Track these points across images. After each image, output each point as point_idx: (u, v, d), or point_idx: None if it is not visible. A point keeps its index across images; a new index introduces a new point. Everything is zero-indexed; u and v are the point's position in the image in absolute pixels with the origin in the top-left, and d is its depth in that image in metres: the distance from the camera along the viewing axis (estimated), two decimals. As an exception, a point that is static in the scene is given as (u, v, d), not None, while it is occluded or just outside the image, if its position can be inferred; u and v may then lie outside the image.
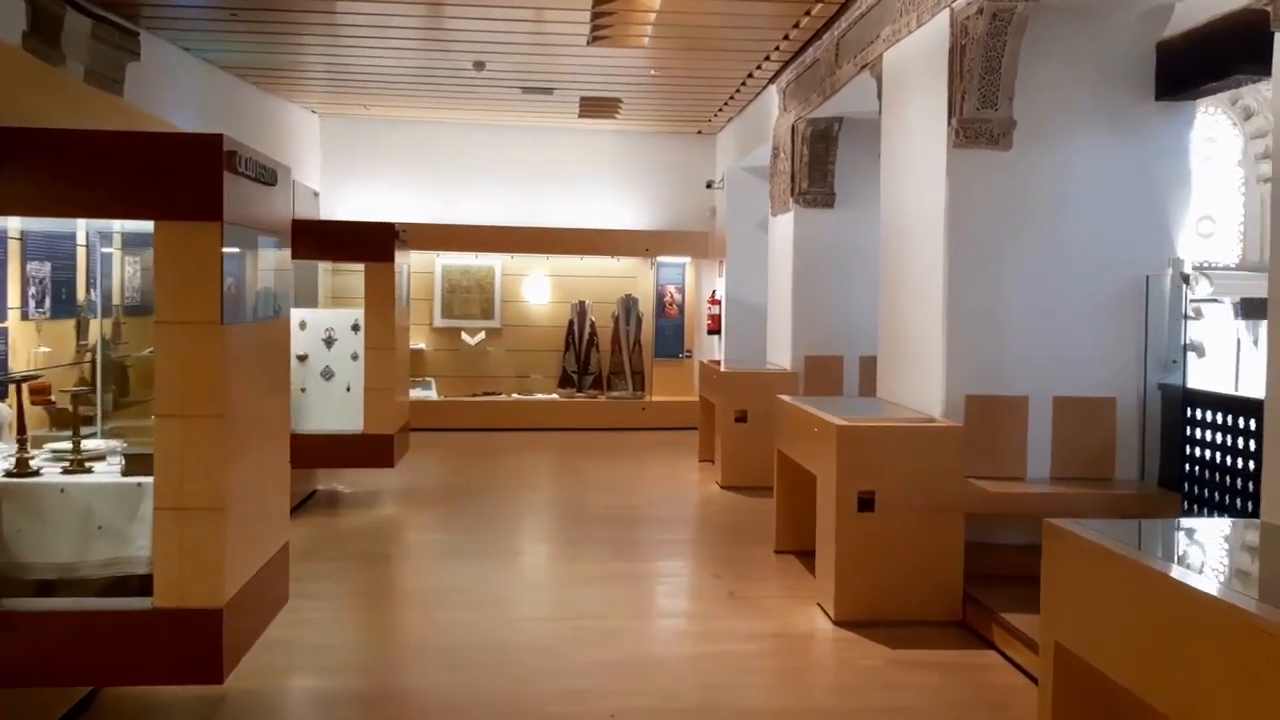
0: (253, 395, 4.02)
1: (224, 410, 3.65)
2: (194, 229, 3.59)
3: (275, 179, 4.19)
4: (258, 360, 4.12)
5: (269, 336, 4.29)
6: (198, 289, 3.59)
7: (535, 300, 13.80)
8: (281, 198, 4.40)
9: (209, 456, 3.63)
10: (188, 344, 3.60)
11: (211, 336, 3.61)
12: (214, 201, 3.59)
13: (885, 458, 5.52)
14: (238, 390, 3.78)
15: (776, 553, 6.99)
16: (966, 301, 5.95)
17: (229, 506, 3.69)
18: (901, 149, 6.73)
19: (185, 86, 9.42)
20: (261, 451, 4.17)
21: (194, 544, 3.63)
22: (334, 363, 8.45)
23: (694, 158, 13.96)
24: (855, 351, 9.51)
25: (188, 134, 3.77)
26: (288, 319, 4.73)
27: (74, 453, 4.06)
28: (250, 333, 3.98)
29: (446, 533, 7.73)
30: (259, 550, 4.11)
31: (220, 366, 3.62)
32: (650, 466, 10.59)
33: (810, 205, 9.50)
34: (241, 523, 3.84)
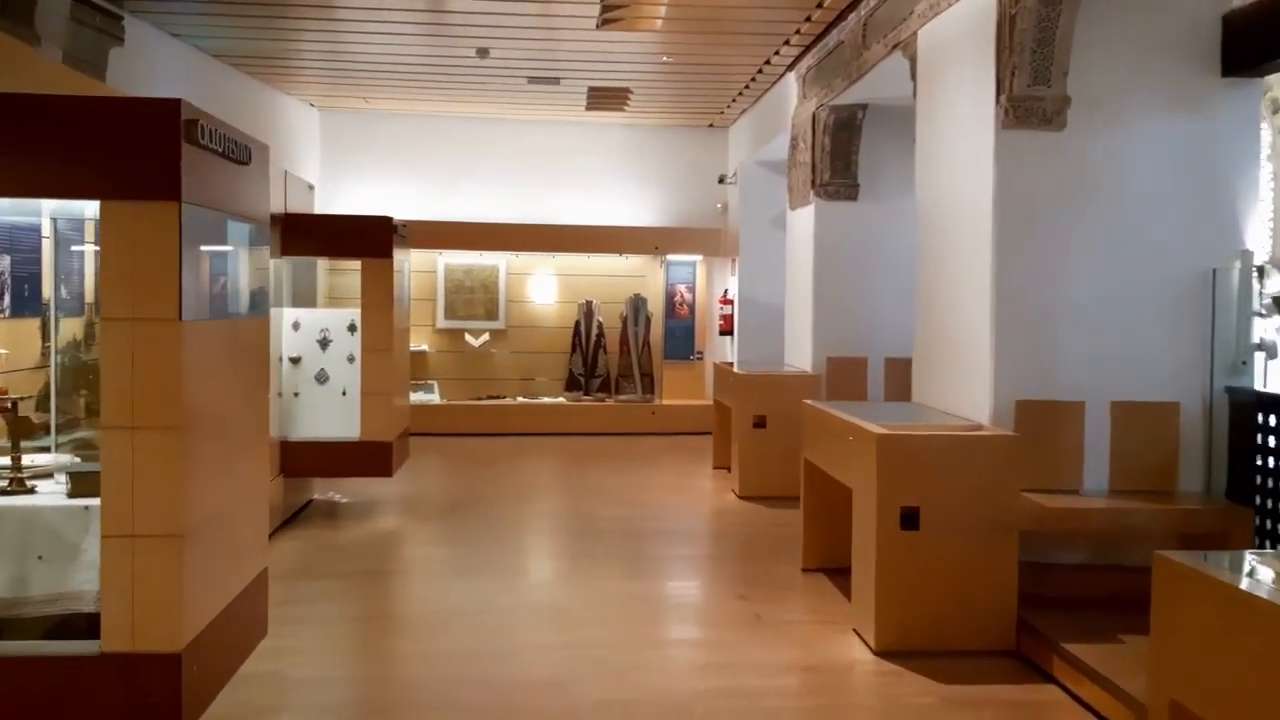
0: (220, 403, 3.50)
1: (182, 421, 3.14)
2: (146, 210, 3.09)
3: (249, 157, 3.68)
4: (227, 363, 3.60)
5: (242, 336, 3.78)
6: (151, 280, 3.08)
7: (541, 300, 13.28)
8: (258, 180, 3.89)
9: (164, 475, 3.12)
10: (139, 344, 3.09)
11: (167, 335, 3.10)
12: (170, 178, 3.09)
13: (931, 470, 4.99)
14: (200, 397, 3.27)
15: (804, 571, 6.47)
16: (1016, 298, 5.42)
17: (189, 533, 3.17)
18: (941, 133, 6.20)
19: (174, 75, 8.91)
20: (232, 468, 3.65)
21: (147, 578, 3.12)
22: (329, 365, 7.94)
23: (705, 152, 13.43)
24: (880, 352, 8.99)
25: (138, 98, 3.26)
26: (266, 317, 4.21)
27: (13, 469, 3.54)
28: (217, 331, 3.47)
29: (448, 547, 7.21)
30: (228, 581, 3.59)
31: (177, 370, 3.11)
32: (661, 474, 10.06)
33: (832, 198, 8.97)
34: (205, 551, 3.32)
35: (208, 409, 3.36)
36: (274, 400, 7.58)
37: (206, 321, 3.34)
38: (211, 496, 3.41)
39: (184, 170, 3.09)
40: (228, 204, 3.53)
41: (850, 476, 5.43)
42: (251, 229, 3.84)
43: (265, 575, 4.09)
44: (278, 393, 7.64)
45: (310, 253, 7.81)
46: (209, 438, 3.38)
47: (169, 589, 3.12)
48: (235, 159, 3.53)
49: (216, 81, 9.90)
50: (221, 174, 3.43)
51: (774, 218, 12.09)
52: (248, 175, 3.70)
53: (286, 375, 7.78)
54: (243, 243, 3.73)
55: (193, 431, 3.21)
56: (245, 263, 3.77)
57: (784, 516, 8.01)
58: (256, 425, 4.02)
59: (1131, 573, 5.49)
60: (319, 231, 7.76)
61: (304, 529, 7.51)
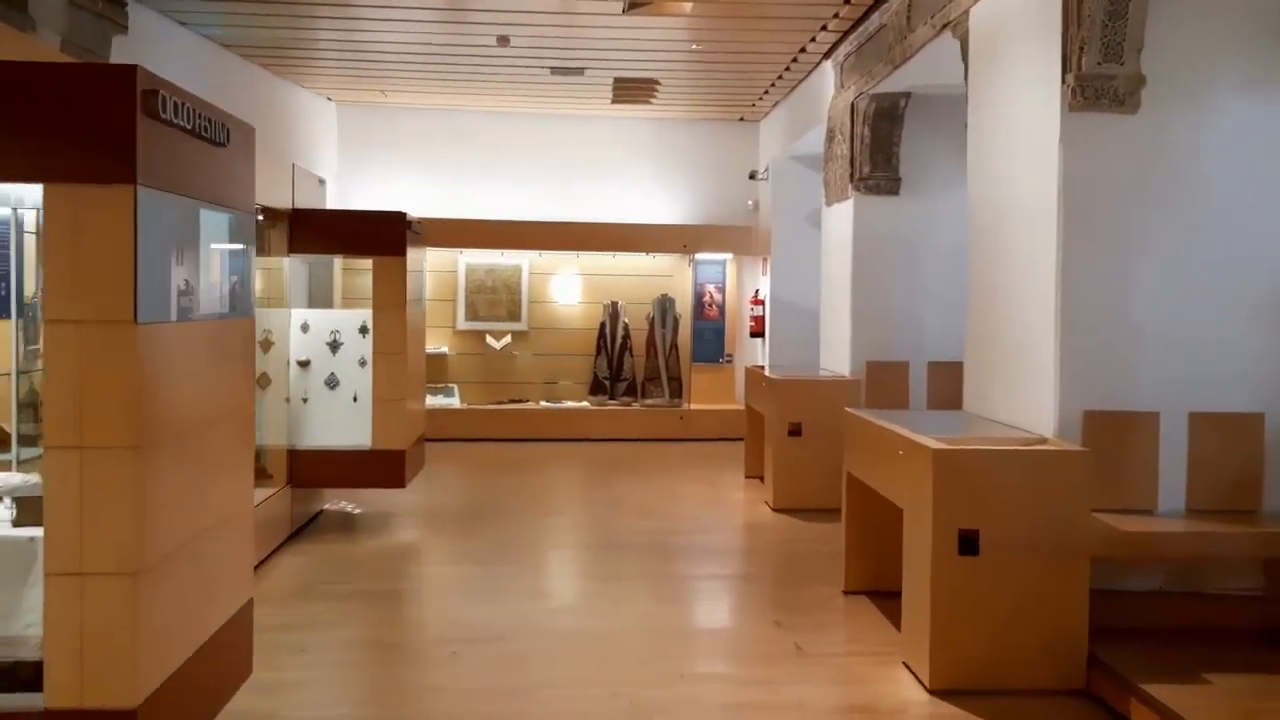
0: (192, 416, 3.06)
1: (140, 439, 2.70)
2: (96, 195, 2.65)
3: (226, 137, 3.24)
4: (201, 370, 3.16)
5: (220, 340, 3.34)
6: (101, 277, 2.65)
7: (565, 301, 12.82)
8: (240, 165, 3.45)
9: (118, 503, 2.68)
10: (88, 350, 2.65)
11: (120, 340, 2.66)
12: (123, 157, 2.65)
13: (992, 489, 4.49)
14: (164, 411, 2.83)
15: (846, 593, 5.97)
16: (1084, 297, 4.92)
17: (148, 570, 2.74)
18: (998, 119, 5.70)
19: (182, 65, 8.50)
20: (207, 490, 3.21)
21: (97, 623, 2.68)
22: (340, 369, 7.51)
23: (736, 147, 12.94)
24: (922, 356, 8.51)
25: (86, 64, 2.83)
26: (251, 319, 3.77)
27: (-44, 492, 3.12)
28: (186, 335, 3.03)
29: (463, 564, 6.76)
30: (201, 621, 3.15)
31: (133, 380, 2.67)
32: (691, 484, 9.58)
33: (872, 192, 8.47)
34: (170, 589, 2.88)
35: (175, 424, 2.92)
36: (281, 406, 7.17)
37: (171, 324, 2.90)
38: (179, 525, 2.97)
39: (140, 148, 2.65)
40: (199, 189, 3.09)
41: (901, 494, 4.94)
42: (231, 219, 3.40)
43: (250, 608, 3.65)
44: (285, 398, 7.22)
45: (319, 250, 7.38)
46: (177, 457, 2.95)
47: (122, 635, 2.69)
48: (209, 139, 3.09)
49: (228, 73, 9.51)
50: (191, 155, 2.99)
51: (808, 215, 11.63)
52: (225, 158, 3.26)
53: (295, 380, 7.37)
54: (220, 235, 3.29)
55: (154, 451, 2.77)
56: (223, 257, 3.33)
57: (822, 531, 7.52)
58: (239, 441, 3.57)
59: (1213, 600, 5.00)
60: (328, 228, 7.32)
61: (312, 542, 7.08)
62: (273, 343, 7.22)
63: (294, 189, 7.08)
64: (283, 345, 7.25)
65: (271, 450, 7.13)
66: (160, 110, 2.75)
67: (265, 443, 7.13)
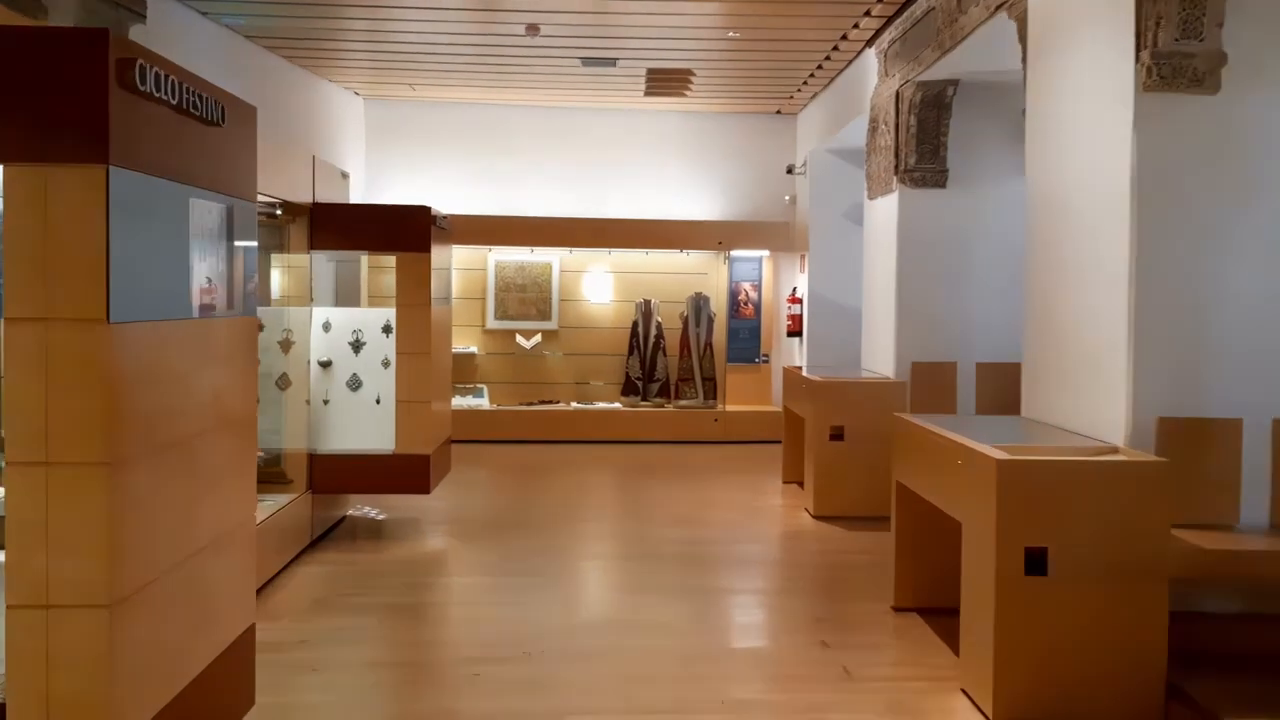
0: (180, 426, 2.75)
1: (115, 454, 2.39)
2: (62, 176, 2.33)
3: (221, 116, 2.92)
4: (191, 376, 2.85)
5: (215, 341, 3.02)
6: (69, 270, 2.33)
7: (596, 299, 12.49)
8: (238, 147, 3.13)
9: (89, 527, 2.37)
10: (54, 353, 2.34)
11: (91, 341, 2.35)
12: (93, 134, 2.33)
13: (1062, 503, 4.10)
14: (146, 422, 2.51)
15: (895, 610, 5.60)
16: (1160, 295, 4.52)
17: (124, 602, 2.42)
18: (1060, 103, 5.30)
19: (205, 57, 8.24)
20: (200, 508, 2.90)
21: (66, 661, 2.37)
22: (362, 370, 7.22)
23: (772, 140, 12.56)
24: (970, 357, 8.12)
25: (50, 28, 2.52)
26: (253, 317, 3.45)
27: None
28: (172, 336, 2.71)
29: (490, 574, 6.44)
30: (191, 653, 2.84)
31: (106, 386, 2.35)
32: (726, 489, 9.22)
33: (918, 185, 8.09)
34: (154, 621, 2.57)
35: (159, 435, 2.61)
36: (301, 408, 6.88)
37: (152, 324, 2.59)
38: (165, 548, 2.66)
39: (114, 124, 2.34)
40: (188, 173, 2.77)
41: (959, 507, 4.56)
42: (228, 208, 3.08)
43: (251, 634, 3.34)
44: (305, 400, 6.94)
45: (341, 246, 7.08)
46: (162, 472, 2.64)
47: (95, 675, 2.38)
48: (199, 117, 2.78)
49: (253, 66, 9.26)
50: (178, 134, 2.68)
51: (847, 210, 11.26)
52: (221, 139, 2.95)
53: (315, 381, 7.08)
54: (214, 225, 2.98)
55: (133, 466, 2.47)
56: (218, 249, 3.02)
57: (866, 541, 7.15)
58: (239, 451, 3.26)
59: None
60: (350, 223, 7.01)
61: (333, 550, 6.79)
62: (293, 342, 6.94)
63: (315, 182, 6.78)
64: (303, 345, 6.97)
65: (291, 454, 6.85)
66: (138, 82, 2.45)
67: (285, 446, 6.85)
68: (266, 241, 6.95)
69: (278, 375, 6.89)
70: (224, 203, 3.03)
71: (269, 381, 6.90)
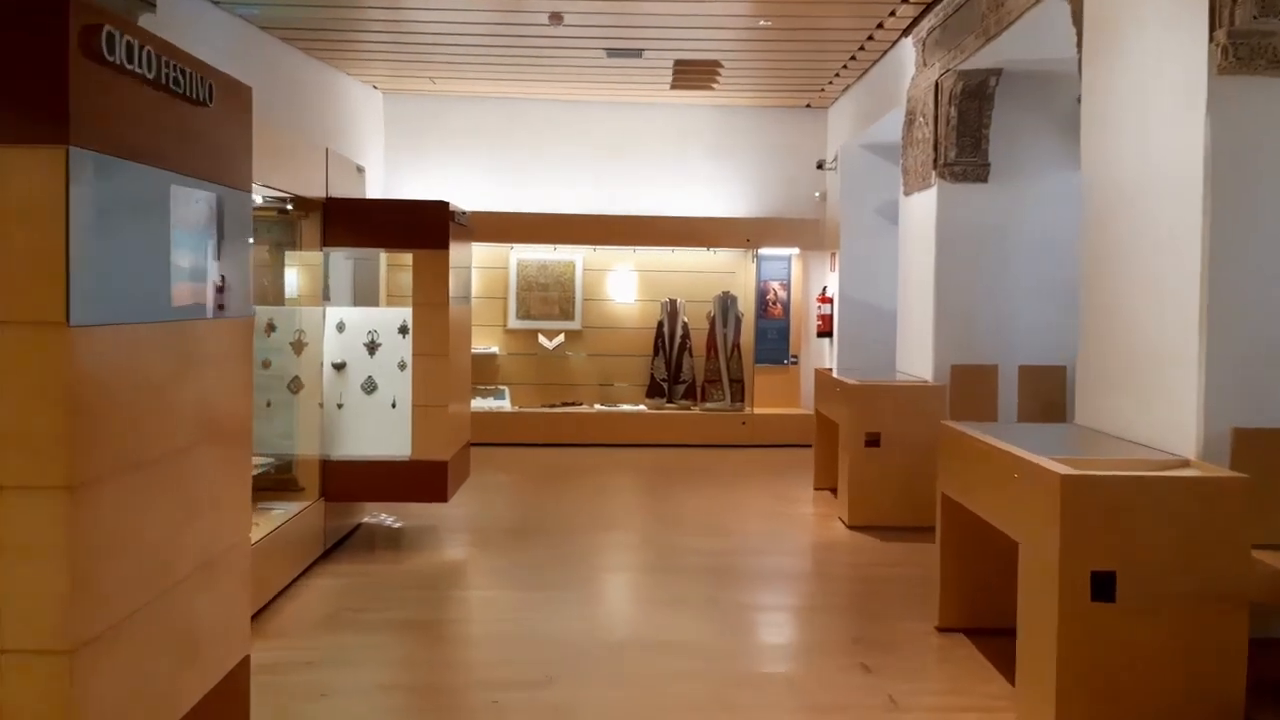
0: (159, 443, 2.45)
1: (80, 476, 2.08)
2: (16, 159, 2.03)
3: (208, 95, 2.62)
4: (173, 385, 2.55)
5: (202, 346, 2.72)
6: (23, 265, 2.03)
7: (620, 299, 12.16)
8: (230, 130, 2.83)
9: (49, 560, 2.07)
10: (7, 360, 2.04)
11: (50, 347, 2.05)
12: (53, 110, 2.03)
13: (1132, 523, 3.75)
14: (117, 438, 2.21)
15: (940, 630, 5.25)
16: (1236, 293, 4.16)
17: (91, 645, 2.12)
18: (1121, 89, 4.94)
19: (216, 48, 7.97)
20: (184, 532, 2.60)
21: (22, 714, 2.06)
22: (377, 372, 6.93)
23: (802, 135, 12.20)
24: (1012, 359, 7.77)
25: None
26: (248, 319, 3.15)
27: None
28: (149, 341, 2.41)
29: (509, 588, 6.14)
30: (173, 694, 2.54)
31: (67, 398, 2.05)
32: (755, 495, 8.88)
33: (957, 179, 7.73)
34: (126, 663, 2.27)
35: (132, 453, 2.32)
36: (314, 413, 6.60)
37: (123, 326, 2.29)
38: (140, 582, 2.37)
39: (75, 99, 2.05)
40: (167, 157, 2.47)
41: (1015, 525, 4.22)
42: (218, 197, 2.78)
43: (245, 667, 3.04)
44: (319, 403, 6.65)
45: (355, 243, 6.79)
46: (136, 495, 2.34)
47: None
48: (182, 94, 2.48)
49: (268, 58, 9.00)
50: (155, 113, 2.38)
51: (880, 206, 10.91)
52: (209, 121, 2.65)
53: (329, 384, 6.80)
54: (199, 215, 2.68)
55: (101, 489, 2.17)
56: (205, 243, 2.72)
57: (905, 553, 6.81)
58: (231, 467, 2.96)
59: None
60: (364, 218, 6.71)
61: (347, 561, 6.50)
62: (306, 344, 6.66)
63: (328, 176, 6.50)
64: (316, 346, 6.68)
65: (303, 460, 6.56)
66: (106, 51, 2.15)
67: (297, 452, 6.57)
68: (278, 238, 6.68)
69: (290, 378, 6.62)
70: (213, 192, 2.73)
71: (281, 384, 6.62)
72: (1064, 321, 7.73)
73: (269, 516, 5.97)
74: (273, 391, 6.62)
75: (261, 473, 6.27)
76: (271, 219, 6.60)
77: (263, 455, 6.45)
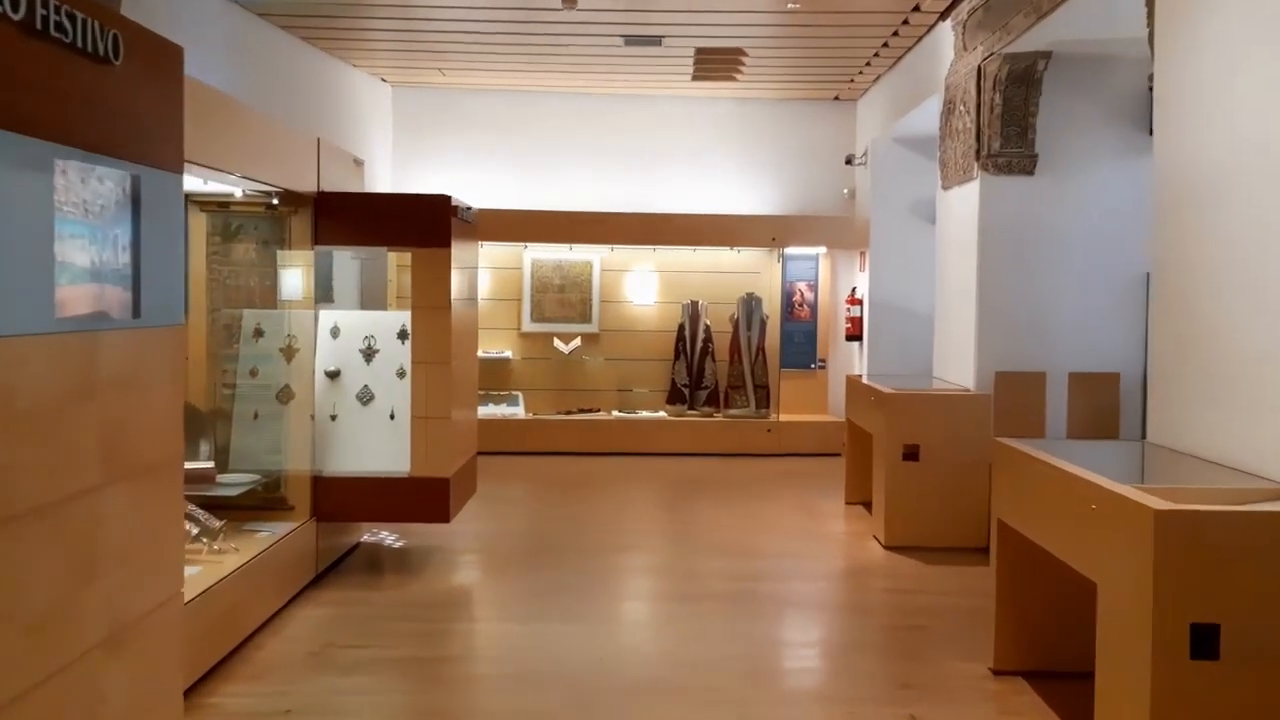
0: (41, 488, 1.92)
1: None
2: None
3: (113, 49, 2.08)
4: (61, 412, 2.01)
5: (109, 363, 2.19)
6: None
7: (640, 300, 11.60)
8: (150, 97, 2.29)
9: None
10: None
11: None
12: None
13: (1240, 567, 3.17)
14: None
15: (995, 673, 4.68)
16: (1351, 295, 3.58)
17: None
18: (1207, 66, 4.35)
19: (209, 34, 7.48)
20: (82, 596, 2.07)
21: None
22: (374, 381, 6.42)
23: (830, 129, 11.63)
24: (1062, 366, 7.18)
25: None
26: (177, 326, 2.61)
27: None
28: (23, 358, 1.88)
29: (515, 621, 5.58)
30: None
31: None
32: (782, 510, 8.31)
33: (1002, 171, 7.15)
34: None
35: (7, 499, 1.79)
36: (305, 425, 6.08)
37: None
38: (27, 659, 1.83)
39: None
40: (46, 123, 1.94)
41: (1094, 564, 3.64)
42: (134, 177, 2.24)
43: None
44: (310, 415, 6.13)
45: (348, 241, 6.25)
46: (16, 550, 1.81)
47: None
48: (73, 45, 1.95)
49: (267, 48, 8.50)
50: (29, 68, 1.85)
51: (913, 203, 10.34)
52: (117, 84, 2.12)
53: (322, 393, 6.28)
54: (102, 198, 2.15)
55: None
56: (111, 234, 2.19)
57: (949, 579, 6.23)
58: (153, 511, 2.42)
59: None
60: (358, 214, 6.16)
61: (340, 587, 5.98)
62: (297, 350, 6.15)
63: (320, 168, 5.98)
64: (308, 353, 6.17)
65: (293, 476, 6.05)
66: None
67: (286, 468, 6.06)
68: (266, 236, 6.16)
69: (279, 387, 6.10)
70: (126, 171, 2.21)
71: (269, 394, 6.12)
72: (1117, 324, 7.16)
73: (253, 540, 5.46)
74: (261, 402, 6.12)
75: (248, 490, 5.77)
76: (259, 215, 6.09)
77: (249, 472, 5.95)
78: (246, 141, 4.97)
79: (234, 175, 4.89)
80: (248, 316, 6.14)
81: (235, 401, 6.12)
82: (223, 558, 5.06)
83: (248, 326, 6.13)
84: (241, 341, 6.13)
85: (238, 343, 6.12)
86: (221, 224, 6.12)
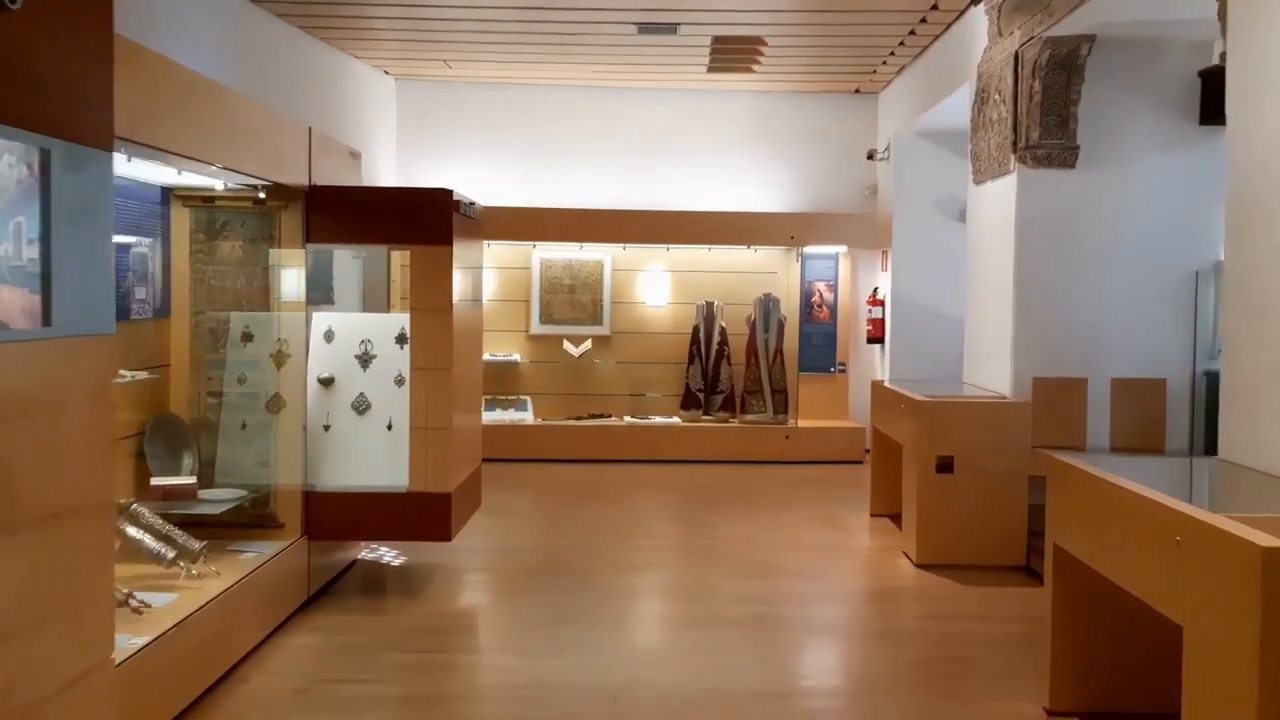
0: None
1: None
2: None
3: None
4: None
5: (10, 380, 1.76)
6: None
7: (653, 301, 11.16)
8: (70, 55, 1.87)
9: None
10: None
11: None
12: None
13: (1361, 613, 2.73)
14: None
15: (1049, 714, 4.23)
16: None
17: None
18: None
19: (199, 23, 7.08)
20: None
21: None
22: (371, 389, 6.00)
23: (851, 123, 11.20)
24: (1104, 371, 6.76)
25: None
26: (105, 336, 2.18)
27: None
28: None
29: (521, 654, 5.11)
30: None
31: None
32: (803, 522, 7.87)
33: (1041, 164, 6.71)
34: None
35: None
36: (297, 436, 5.67)
37: None
38: None
39: None
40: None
41: (1179, 604, 3.19)
42: (40, 151, 1.82)
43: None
44: (302, 425, 5.72)
45: (341, 238, 5.81)
46: None
47: None
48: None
49: (263, 38, 8.09)
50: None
51: (938, 200, 9.93)
52: (11, 32, 1.70)
53: (314, 402, 5.86)
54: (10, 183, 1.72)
55: None
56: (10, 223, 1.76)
57: (988, 601, 5.79)
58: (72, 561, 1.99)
59: None
60: (352, 209, 5.73)
61: (334, 610, 5.55)
62: (288, 355, 5.73)
63: (311, 159, 5.57)
64: (299, 359, 5.75)
65: (283, 491, 5.63)
66: None
67: (276, 482, 5.64)
68: (254, 233, 5.74)
69: (268, 396, 5.69)
70: (26, 143, 1.78)
71: (258, 403, 5.70)
72: (1163, 327, 6.73)
73: (238, 562, 5.05)
74: (249, 412, 5.71)
75: (234, 507, 5.35)
76: (246, 210, 5.68)
77: (236, 487, 5.53)
78: (227, 128, 4.56)
79: (214, 166, 4.47)
80: (235, 319, 5.72)
81: (221, 411, 5.71)
82: (203, 582, 4.65)
83: (235, 330, 5.72)
84: (228, 346, 5.71)
85: (224, 347, 5.70)
86: (206, 220, 5.70)
